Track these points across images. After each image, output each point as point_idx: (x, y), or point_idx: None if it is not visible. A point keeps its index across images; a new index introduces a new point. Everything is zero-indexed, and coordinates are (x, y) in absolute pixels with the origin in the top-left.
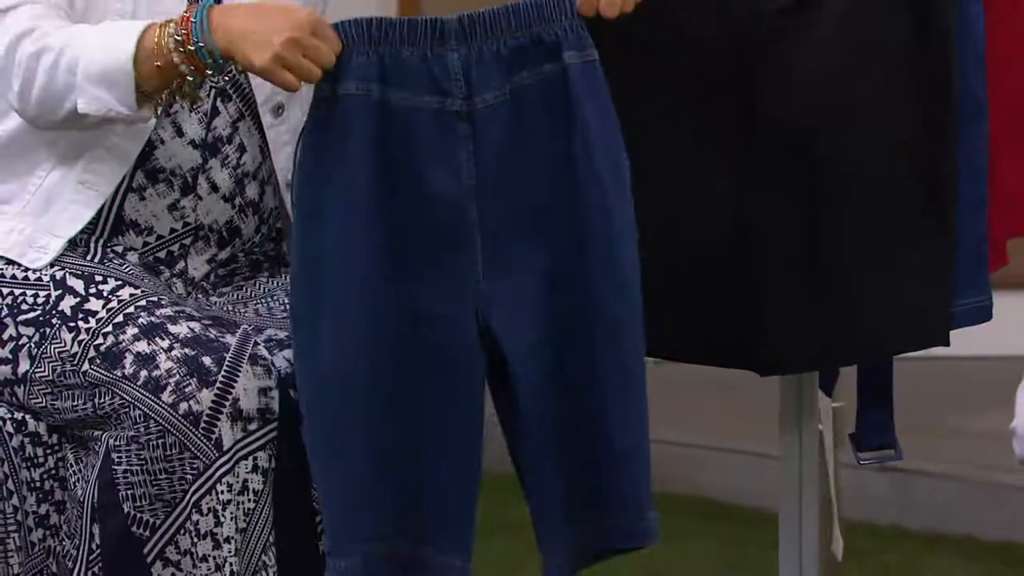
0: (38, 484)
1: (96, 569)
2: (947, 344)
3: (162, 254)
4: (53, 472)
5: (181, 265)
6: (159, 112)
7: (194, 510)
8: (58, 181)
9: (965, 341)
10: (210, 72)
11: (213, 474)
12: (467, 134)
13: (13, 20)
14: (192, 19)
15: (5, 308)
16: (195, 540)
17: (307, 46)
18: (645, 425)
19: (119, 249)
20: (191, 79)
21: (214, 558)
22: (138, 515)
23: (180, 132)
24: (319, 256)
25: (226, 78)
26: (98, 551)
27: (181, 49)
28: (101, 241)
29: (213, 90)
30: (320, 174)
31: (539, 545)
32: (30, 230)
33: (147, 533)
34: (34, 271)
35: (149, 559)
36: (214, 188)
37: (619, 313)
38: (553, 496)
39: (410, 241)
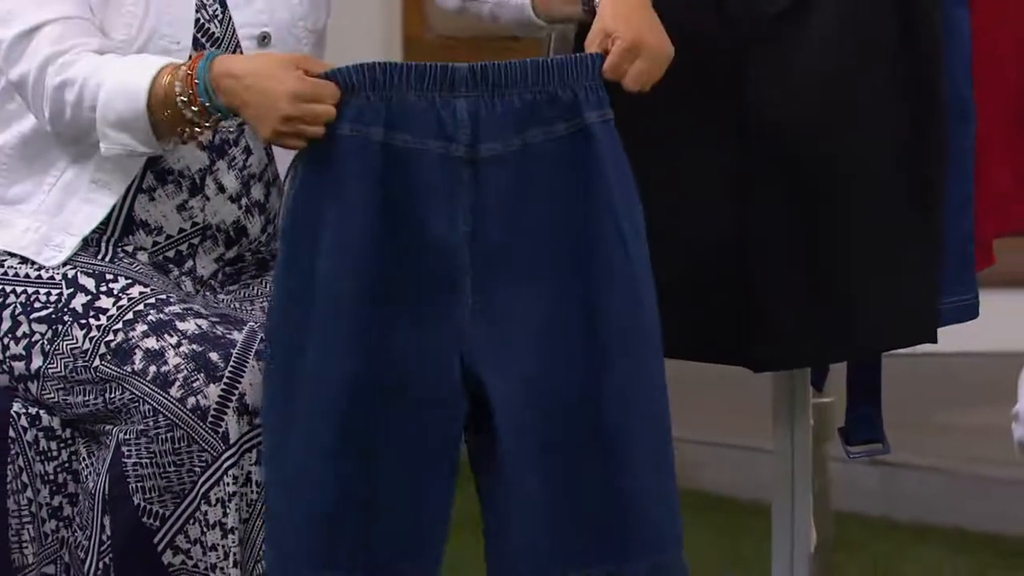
0: (52, 477)
1: (107, 559)
2: (935, 341)
3: (171, 253)
4: (66, 465)
5: (190, 264)
6: (185, 142)
7: (203, 501)
8: (72, 181)
9: (952, 338)
10: (221, 119)
11: (220, 466)
12: (469, 180)
13: (39, 44)
14: (196, 79)
15: (19, 306)
16: (204, 530)
17: (305, 114)
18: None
19: (129, 248)
20: (207, 124)
21: (222, 547)
22: (148, 506)
23: None
24: (306, 286)
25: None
26: (109, 542)
27: (193, 108)
28: (112, 240)
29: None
30: (313, 208)
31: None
32: (45, 228)
33: (157, 523)
34: (47, 270)
35: (159, 548)
36: (221, 189)
37: (642, 374)
38: (526, 539)
39: (399, 280)
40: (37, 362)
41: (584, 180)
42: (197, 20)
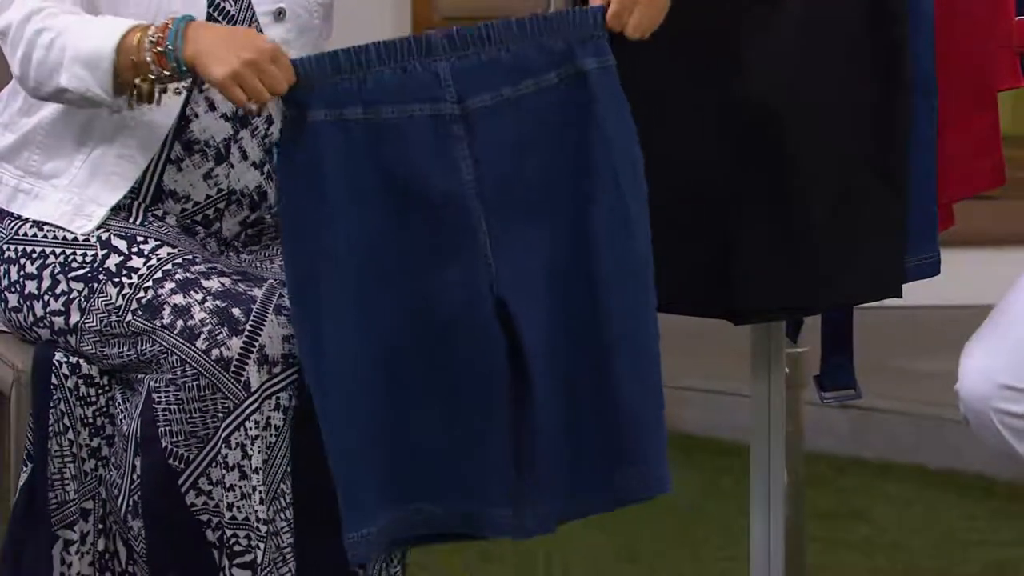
0: (90, 420)
1: (137, 496)
2: (900, 296)
3: (199, 218)
4: (104, 410)
5: (216, 226)
6: (132, 106)
7: (224, 445)
8: (100, 156)
9: (917, 293)
10: (170, 75)
11: (242, 412)
12: (464, 134)
13: None
14: (169, 26)
15: (58, 266)
16: (224, 472)
17: (263, 70)
18: (658, 390)
19: (159, 213)
20: (154, 78)
21: (241, 487)
22: (175, 449)
23: (212, 106)
24: (319, 268)
25: (185, 84)
26: (139, 480)
27: (154, 50)
28: (143, 207)
29: (184, 89)
30: (303, 192)
31: (528, 490)
32: (77, 199)
33: (182, 466)
34: (83, 234)
35: (184, 488)
36: (244, 156)
37: (631, 301)
38: (559, 453)
39: (418, 236)
40: (75, 317)
41: (581, 124)
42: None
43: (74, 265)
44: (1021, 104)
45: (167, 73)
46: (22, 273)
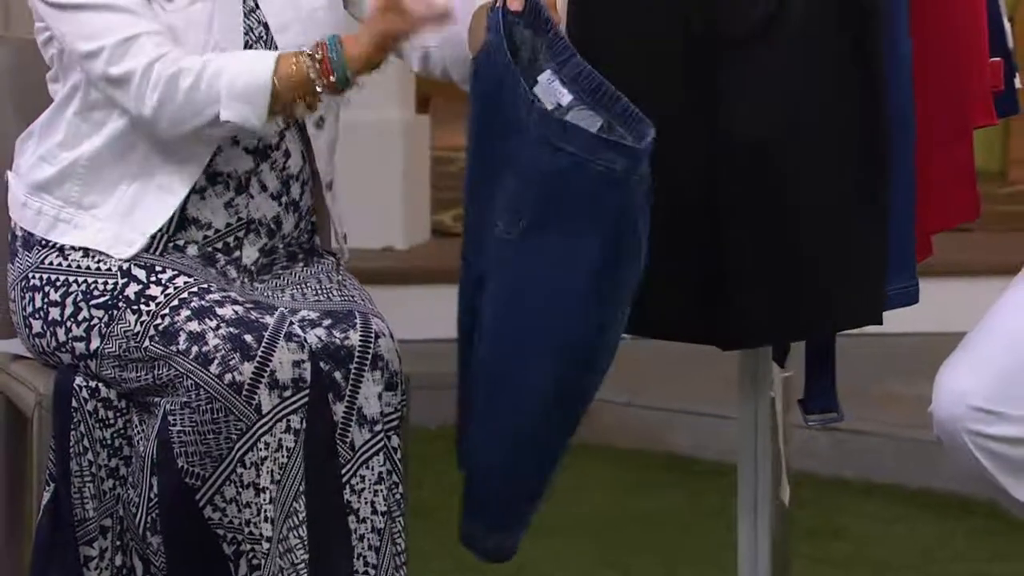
0: (109, 442)
1: (155, 514)
2: (881, 323)
3: (219, 245)
4: (122, 431)
5: (236, 254)
6: (277, 128)
7: (238, 464)
8: (140, 188)
9: (896, 320)
10: (335, 80)
11: (254, 434)
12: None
13: (142, 46)
14: (326, 52)
15: (80, 294)
16: (239, 490)
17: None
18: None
19: (180, 243)
20: (321, 90)
21: (256, 504)
22: (191, 468)
23: (235, 140)
24: None
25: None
26: (156, 499)
27: (316, 64)
28: (165, 237)
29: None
30: None
31: None
32: (116, 228)
33: (199, 484)
34: (105, 262)
35: (201, 504)
36: (263, 188)
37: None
38: None
39: None
40: (95, 343)
41: None
42: (246, 42)
43: (95, 293)
44: (993, 140)
45: (337, 94)
46: (46, 300)
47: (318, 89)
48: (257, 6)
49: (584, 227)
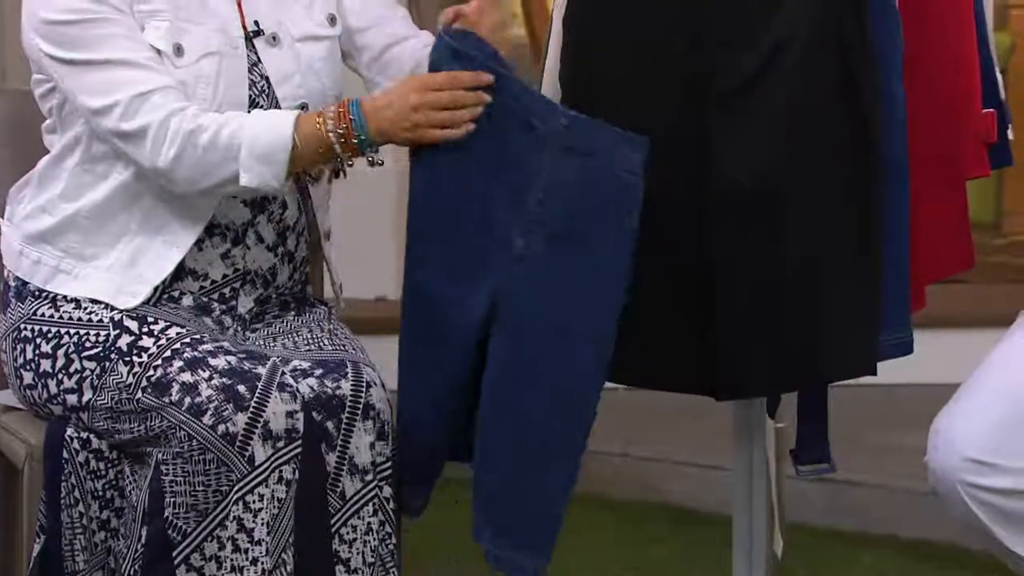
0: (100, 493)
1: (137, 567)
2: (875, 374)
3: (215, 295)
4: (113, 483)
5: (232, 303)
6: (303, 176)
7: (225, 519)
8: (144, 241)
9: (890, 371)
10: (363, 155)
11: (247, 485)
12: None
13: (160, 100)
14: (348, 115)
15: (72, 346)
16: (219, 548)
17: (434, 101)
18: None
19: (175, 294)
20: (345, 162)
21: (233, 560)
22: (175, 521)
23: (233, 194)
24: None
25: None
26: (142, 550)
27: (343, 141)
28: (161, 287)
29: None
30: None
31: None
32: (120, 279)
33: (179, 538)
34: (96, 314)
35: (176, 562)
36: (260, 240)
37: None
38: None
39: None
40: (88, 395)
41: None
42: (250, 96)
43: (87, 345)
44: (987, 191)
45: (356, 154)
46: (37, 352)
47: (342, 158)
48: (259, 60)
49: (610, 232)
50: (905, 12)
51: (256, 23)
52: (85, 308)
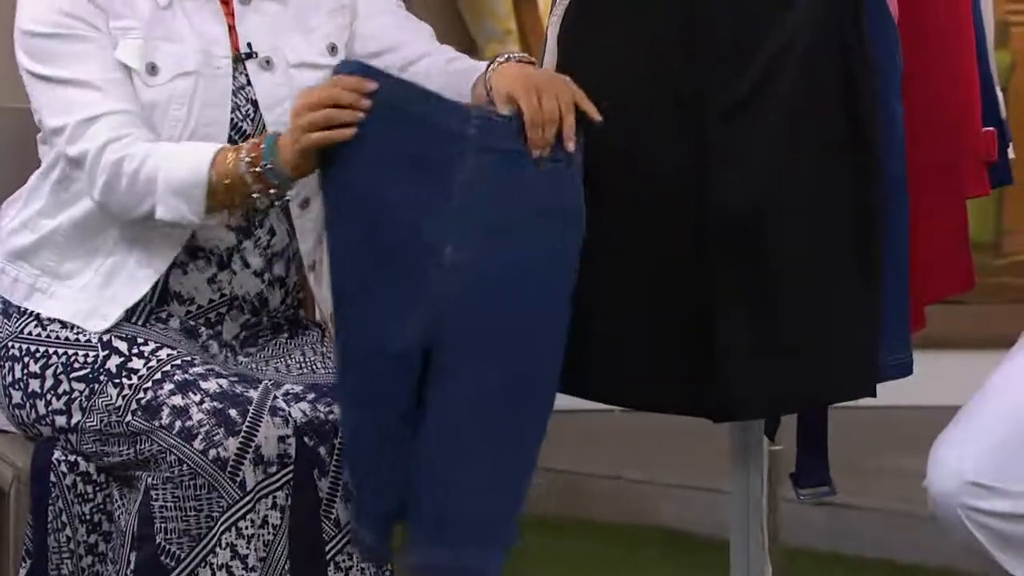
0: (88, 517)
1: None
2: (874, 395)
3: (201, 320)
4: (101, 507)
5: (218, 328)
6: (229, 220)
7: (217, 545)
8: (118, 262)
9: (890, 393)
10: (275, 190)
11: (238, 511)
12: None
13: (102, 126)
14: (262, 145)
15: (60, 366)
16: (214, 572)
17: (323, 99)
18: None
19: (163, 315)
20: (258, 196)
21: None
22: (167, 546)
23: None
24: None
25: (288, 198)
26: (132, 575)
27: (252, 171)
28: (148, 309)
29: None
30: None
31: None
32: (94, 300)
33: (172, 563)
34: (85, 334)
35: None
36: (246, 265)
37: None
38: None
39: None
40: (76, 417)
41: None
42: (232, 120)
43: (76, 365)
44: (988, 211)
45: (268, 189)
46: (26, 372)
47: (253, 189)
48: (248, 82)
49: (544, 221)
50: (904, 29)
51: (249, 45)
52: (72, 328)
